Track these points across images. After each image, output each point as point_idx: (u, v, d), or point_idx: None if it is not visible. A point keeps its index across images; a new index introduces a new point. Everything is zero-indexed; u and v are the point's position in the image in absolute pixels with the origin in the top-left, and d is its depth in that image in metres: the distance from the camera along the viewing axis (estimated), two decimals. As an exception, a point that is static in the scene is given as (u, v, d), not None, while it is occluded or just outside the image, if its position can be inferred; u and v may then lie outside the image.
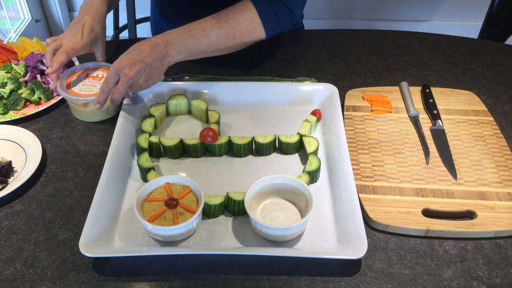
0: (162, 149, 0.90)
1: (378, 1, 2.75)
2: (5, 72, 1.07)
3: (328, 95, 1.00)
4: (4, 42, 1.17)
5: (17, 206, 0.83)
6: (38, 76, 1.08)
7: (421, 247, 0.76)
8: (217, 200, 0.78)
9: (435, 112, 0.98)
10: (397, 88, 1.07)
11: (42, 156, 0.90)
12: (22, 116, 1.00)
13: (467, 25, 2.76)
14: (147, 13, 1.46)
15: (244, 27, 0.93)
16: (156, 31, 1.36)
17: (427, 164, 0.88)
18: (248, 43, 0.99)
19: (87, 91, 0.99)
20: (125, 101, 0.98)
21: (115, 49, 1.23)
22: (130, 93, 0.97)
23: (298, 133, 0.91)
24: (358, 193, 0.81)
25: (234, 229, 0.78)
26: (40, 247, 0.76)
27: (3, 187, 0.85)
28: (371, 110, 1.01)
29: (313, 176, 0.84)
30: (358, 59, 1.20)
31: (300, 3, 1.02)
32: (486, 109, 1.01)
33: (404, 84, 1.07)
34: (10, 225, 0.80)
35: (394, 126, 0.97)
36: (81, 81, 1.01)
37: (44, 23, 2.79)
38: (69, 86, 1.00)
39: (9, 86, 1.03)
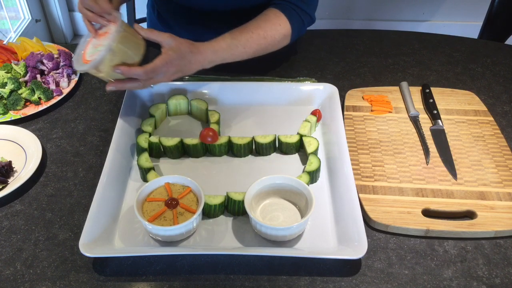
0: (162, 149, 0.90)
1: (378, 1, 2.75)
2: (5, 72, 1.07)
3: (328, 95, 0.99)
4: (4, 42, 1.17)
5: (17, 206, 0.83)
6: (38, 76, 1.08)
7: (421, 247, 0.76)
8: (217, 200, 0.78)
9: (435, 112, 0.98)
10: (397, 88, 1.07)
11: (42, 156, 0.90)
12: (22, 116, 1.00)
13: (467, 25, 2.75)
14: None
15: (278, 42, 0.96)
16: None
17: (427, 164, 0.88)
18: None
19: (96, 54, 0.82)
20: (125, 101, 0.98)
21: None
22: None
23: (298, 133, 0.91)
24: (358, 193, 0.80)
25: (234, 229, 0.78)
26: (40, 247, 0.76)
27: (3, 187, 0.85)
28: (371, 110, 1.00)
29: (313, 176, 0.84)
30: (358, 59, 1.20)
31: (315, 8, 1.05)
32: (486, 109, 1.01)
33: (404, 84, 1.07)
34: (10, 225, 0.80)
35: (394, 126, 0.97)
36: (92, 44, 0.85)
37: (44, 23, 2.79)
38: (85, 56, 0.85)
39: (9, 86, 1.03)
